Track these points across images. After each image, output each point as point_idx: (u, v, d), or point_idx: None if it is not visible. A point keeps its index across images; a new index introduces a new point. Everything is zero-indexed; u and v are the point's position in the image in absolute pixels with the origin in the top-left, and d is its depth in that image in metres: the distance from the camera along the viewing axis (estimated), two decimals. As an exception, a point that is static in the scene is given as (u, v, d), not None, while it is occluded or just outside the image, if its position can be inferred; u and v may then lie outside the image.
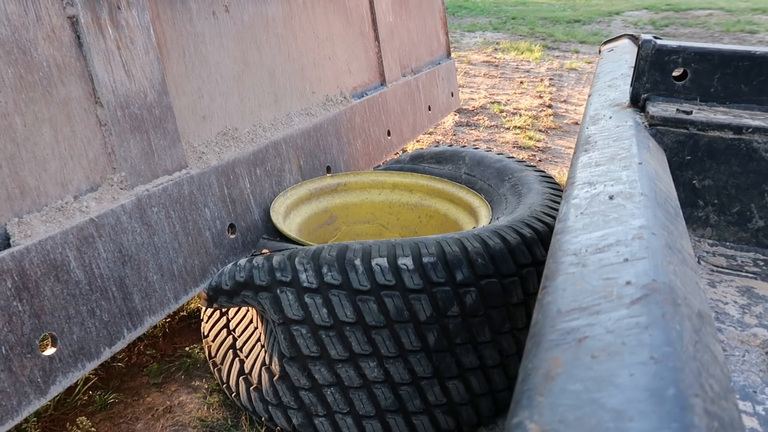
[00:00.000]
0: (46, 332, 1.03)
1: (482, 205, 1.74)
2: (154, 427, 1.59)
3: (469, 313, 1.30)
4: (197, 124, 1.47)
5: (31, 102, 1.04)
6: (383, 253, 1.27)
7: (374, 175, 1.97)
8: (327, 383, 1.34)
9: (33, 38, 1.05)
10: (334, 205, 1.91)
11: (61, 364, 1.05)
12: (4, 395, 0.95)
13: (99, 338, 1.13)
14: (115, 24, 1.19)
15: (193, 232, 1.37)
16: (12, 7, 1.01)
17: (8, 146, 1.01)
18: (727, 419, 0.39)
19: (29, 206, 1.05)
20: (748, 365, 0.82)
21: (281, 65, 1.81)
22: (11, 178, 1.01)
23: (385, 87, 2.46)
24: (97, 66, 1.15)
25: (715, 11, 9.58)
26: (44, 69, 1.07)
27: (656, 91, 1.25)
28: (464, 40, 7.61)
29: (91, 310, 1.11)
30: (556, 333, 0.48)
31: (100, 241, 1.13)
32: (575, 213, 0.74)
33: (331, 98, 2.08)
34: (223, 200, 1.48)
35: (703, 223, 1.20)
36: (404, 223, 1.96)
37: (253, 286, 1.32)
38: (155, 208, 1.27)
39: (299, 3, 1.90)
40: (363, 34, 2.33)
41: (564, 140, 3.98)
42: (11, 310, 0.97)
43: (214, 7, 1.52)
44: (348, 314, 1.26)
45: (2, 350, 0.95)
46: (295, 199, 1.77)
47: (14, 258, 0.98)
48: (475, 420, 1.43)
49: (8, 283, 0.97)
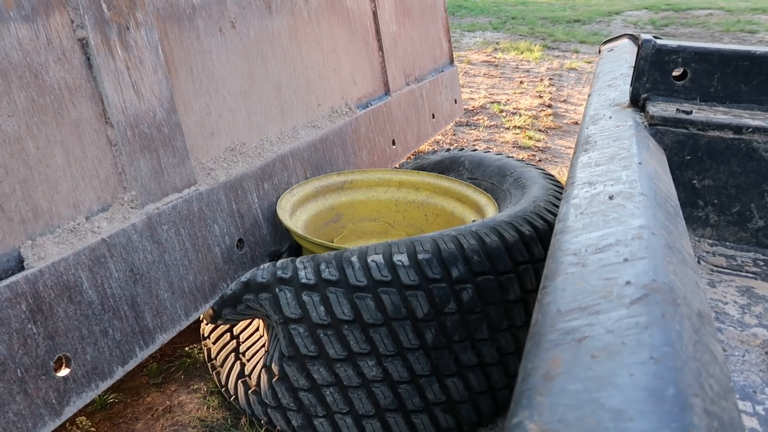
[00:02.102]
0: (60, 353, 1.03)
1: (489, 203, 1.74)
2: (153, 427, 1.59)
3: (466, 310, 1.31)
4: (205, 141, 1.47)
5: (43, 125, 1.05)
6: (379, 251, 1.29)
7: (380, 173, 1.97)
8: (326, 383, 1.34)
9: (44, 62, 1.05)
10: (340, 203, 1.91)
11: (75, 384, 1.06)
12: (20, 418, 0.95)
13: (112, 357, 1.13)
14: (124, 45, 1.20)
15: (202, 249, 1.38)
16: (24, 32, 1.02)
17: (21, 170, 1.01)
18: (727, 419, 0.39)
19: (42, 228, 1.05)
20: (748, 365, 0.82)
21: (287, 79, 1.81)
22: (24, 201, 1.02)
23: (389, 96, 2.47)
24: (107, 87, 1.15)
25: (715, 11, 9.58)
26: (55, 91, 1.07)
27: (656, 91, 1.25)
28: (464, 39, 7.61)
29: (103, 330, 1.11)
30: (555, 333, 0.48)
31: (112, 260, 1.14)
32: (575, 213, 0.74)
33: (337, 110, 2.09)
34: (231, 215, 1.49)
35: (703, 223, 1.20)
36: (410, 221, 1.96)
37: (255, 285, 1.32)
38: (165, 226, 1.27)
39: (304, 16, 1.90)
40: (367, 44, 2.33)
41: (564, 140, 3.98)
42: (26, 332, 0.97)
43: (221, 23, 1.53)
44: (345, 312, 1.27)
45: (18, 373, 0.96)
46: (301, 197, 1.77)
47: (28, 281, 0.98)
48: (475, 418, 1.43)
49: (23, 305, 0.97)
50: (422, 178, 1.95)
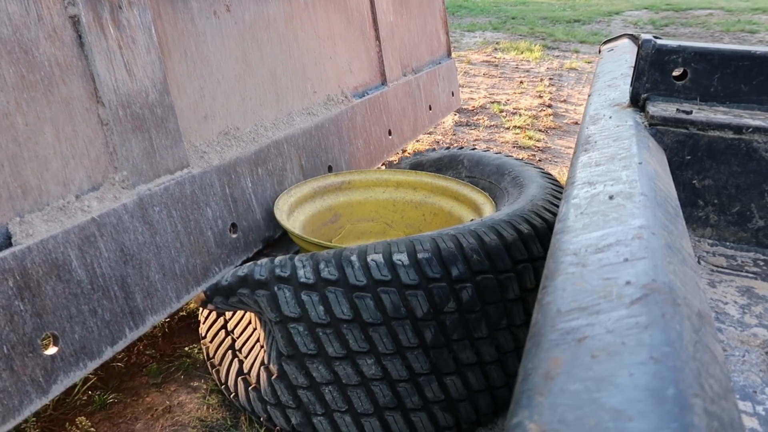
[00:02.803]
0: (47, 331, 1.03)
1: (486, 202, 1.75)
2: (153, 427, 1.59)
3: (465, 309, 1.31)
4: (199, 124, 1.46)
5: (32, 101, 1.04)
6: (379, 250, 1.29)
7: (378, 173, 1.98)
8: (325, 381, 1.34)
9: (34, 38, 1.04)
10: (338, 203, 1.91)
11: (62, 363, 1.05)
12: (5, 394, 0.95)
13: (101, 337, 1.13)
14: (117, 23, 1.19)
15: (194, 232, 1.37)
16: (14, 7, 1.01)
17: (10, 146, 1.00)
18: (727, 419, 0.39)
19: (31, 205, 1.05)
20: (748, 365, 0.82)
21: (282, 65, 1.81)
22: (13, 177, 1.01)
23: (386, 86, 2.46)
24: (98, 65, 1.15)
25: (715, 11, 9.58)
26: (46, 68, 1.07)
27: (656, 91, 1.25)
28: (464, 39, 7.61)
29: (92, 310, 1.11)
30: (555, 333, 0.48)
31: (102, 240, 1.13)
32: (575, 213, 0.74)
33: (333, 98, 2.08)
34: (224, 199, 1.48)
35: (703, 223, 1.20)
36: (408, 221, 1.96)
37: (252, 282, 1.32)
38: (157, 207, 1.27)
39: (300, 2, 1.89)
40: (364, 33, 2.33)
41: (564, 140, 3.98)
42: (13, 309, 0.97)
43: (215, 6, 1.52)
44: (345, 311, 1.27)
45: (4, 349, 0.95)
46: (298, 197, 1.77)
47: (16, 257, 0.98)
48: (474, 417, 1.43)
49: (10, 282, 0.97)
50: (420, 177, 1.95)
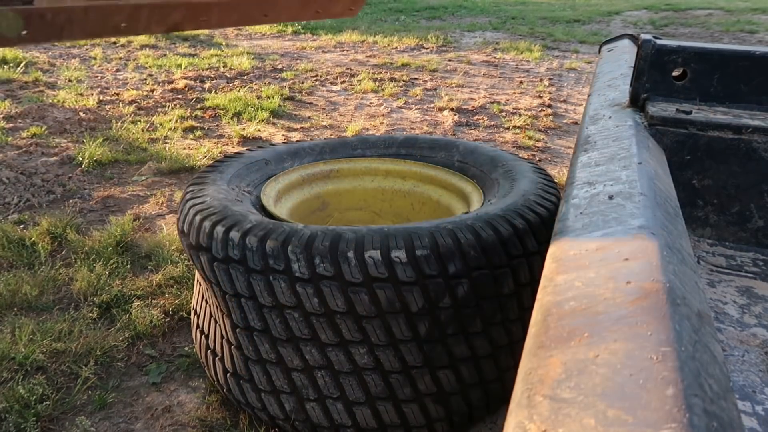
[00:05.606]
0: None
1: (474, 191, 1.75)
2: (153, 426, 1.59)
3: (460, 304, 1.31)
4: None
5: None
6: (377, 245, 1.26)
7: (367, 161, 1.97)
8: (318, 365, 1.34)
9: None
10: (326, 191, 1.91)
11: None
12: None
13: None
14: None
15: None
16: None
17: None
18: (727, 419, 0.39)
19: None
20: (748, 365, 0.82)
21: None
22: None
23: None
24: None
25: (714, 11, 9.58)
26: None
27: (656, 91, 1.26)
28: (464, 39, 7.61)
29: None
30: (555, 333, 0.48)
31: None
32: (575, 213, 0.74)
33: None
34: None
35: (703, 223, 1.20)
36: (397, 209, 1.96)
37: (246, 267, 1.32)
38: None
39: None
40: None
41: (563, 140, 3.98)
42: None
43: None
44: (339, 304, 1.27)
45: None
46: (286, 184, 1.77)
47: None
48: (466, 410, 1.44)
49: None
50: (409, 166, 1.94)
